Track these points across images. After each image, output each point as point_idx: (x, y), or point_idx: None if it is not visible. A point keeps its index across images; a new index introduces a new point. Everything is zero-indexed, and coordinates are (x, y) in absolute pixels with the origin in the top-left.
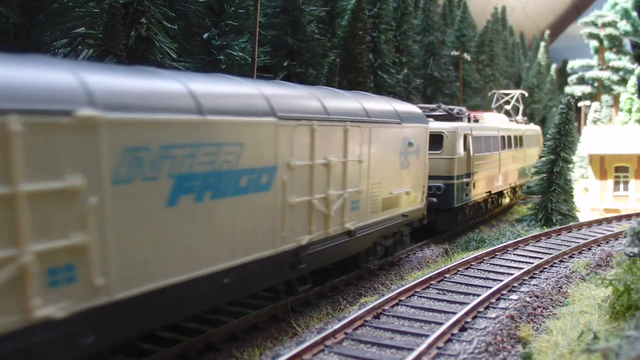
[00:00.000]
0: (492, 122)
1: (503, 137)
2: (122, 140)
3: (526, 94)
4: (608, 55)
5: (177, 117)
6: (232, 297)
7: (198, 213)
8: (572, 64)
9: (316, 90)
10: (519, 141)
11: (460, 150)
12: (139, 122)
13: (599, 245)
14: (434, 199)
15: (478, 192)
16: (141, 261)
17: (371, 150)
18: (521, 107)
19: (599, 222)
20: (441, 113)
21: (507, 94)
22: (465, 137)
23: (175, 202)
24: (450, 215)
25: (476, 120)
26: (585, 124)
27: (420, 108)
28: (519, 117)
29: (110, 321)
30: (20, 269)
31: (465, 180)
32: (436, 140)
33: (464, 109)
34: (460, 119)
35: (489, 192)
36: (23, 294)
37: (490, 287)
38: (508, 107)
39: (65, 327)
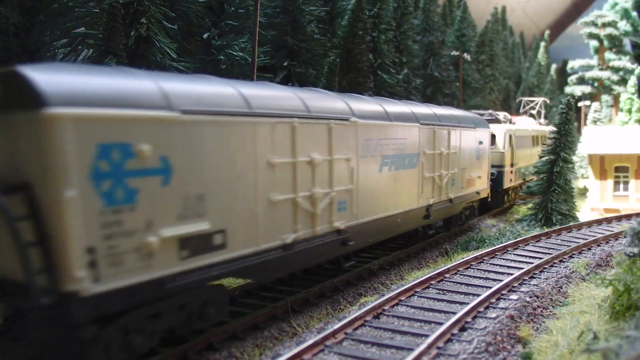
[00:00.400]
0: (524, 124)
1: (533, 136)
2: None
3: (548, 101)
4: (608, 55)
5: (386, 123)
6: (399, 231)
7: (389, 178)
8: (572, 64)
9: (437, 108)
10: (544, 140)
11: (507, 146)
12: (372, 126)
13: (599, 245)
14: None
15: (518, 178)
16: (369, 202)
17: (461, 146)
18: (543, 111)
19: (599, 222)
20: (491, 118)
21: (532, 101)
22: (510, 136)
23: (381, 170)
24: (499, 195)
25: (513, 123)
26: (585, 124)
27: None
28: (542, 120)
29: (358, 233)
30: (331, 199)
31: (510, 169)
32: (491, 139)
33: (507, 114)
34: (504, 122)
35: (524, 179)
36: (330, 213)
37: (490, 287)
38: (533, 111)
39: (342, 234)
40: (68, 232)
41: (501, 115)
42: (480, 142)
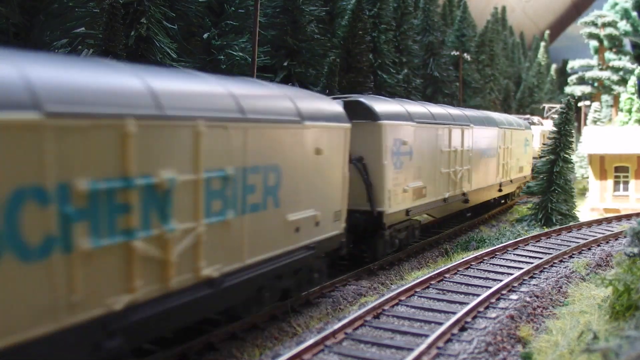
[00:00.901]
0: (550, 126)
1: None
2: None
3: None
4: (608, 55)
5: (488, 127)
6: (487, 198)
7: (483, 163)
8: (572, 64)
9: (504, 115)
10: None
11: (541, 143)
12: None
13: (599, 245)
14: None
15: None
16: (475, 177)
17: (512, 142)
18: None
19: (599, 222)
20: (528, 120)
21: (553, 107)
22: (543, 135)
23: (482, 157)
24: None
25: (542, 125)
26: (585, 124)
27: None
28: None
29: (473, 195)
30: (455, 174)
31: None
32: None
33: (540, 118)
34: (538, 125)
35: None
36: (461, 183)
37: (490, 287)
38: (555, 116)
39: (465, 195)
40: (384, 182)
41: (535, 119)
42: (527, 140)
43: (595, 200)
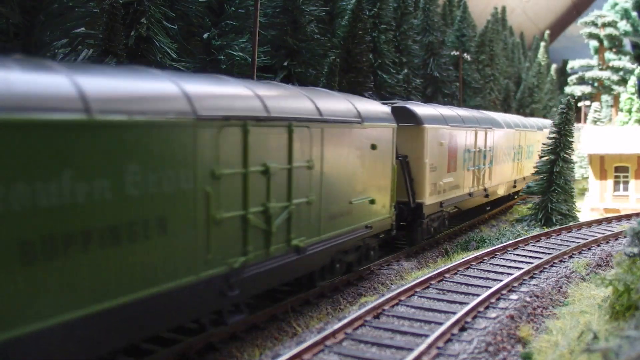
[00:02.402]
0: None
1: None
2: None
3: None
4: (608, 55)
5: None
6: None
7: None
8: (572, 64)
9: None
10: None
11: None
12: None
13: (599, 245)
14: None
15: None
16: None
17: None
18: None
19: (599, 222)
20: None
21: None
22: None
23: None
24: None
25: None
26: (585, 123)
27: None
28: None
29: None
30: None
31: None
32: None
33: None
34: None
35: None
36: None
37: (490, 287)
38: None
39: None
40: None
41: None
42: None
43: (595, 200)
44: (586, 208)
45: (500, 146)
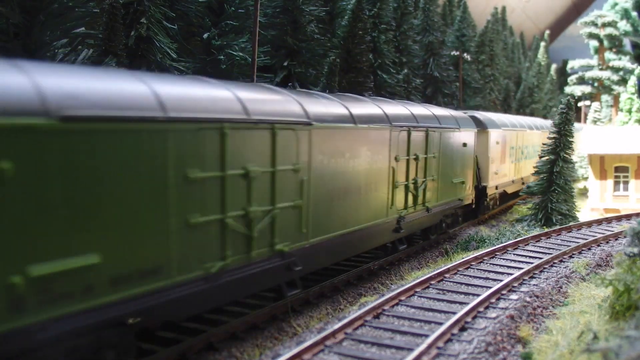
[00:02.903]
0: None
1: None
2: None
3: None
4: (608, 55)
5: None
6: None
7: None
8: (572, 64)
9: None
10: None
11: None
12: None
13: (599, 245)
14: None
15: None
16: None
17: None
18: None
19: (599, 222)
20: None
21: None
22: None
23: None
24: None
25: None
26: (585, 123)
27: None
28: None
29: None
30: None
31: None
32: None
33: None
34: None
35: None
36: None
37: (490, 287)
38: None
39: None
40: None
41: None
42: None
43: (595, 200)
44: (586, 208)
45: (530, 144)
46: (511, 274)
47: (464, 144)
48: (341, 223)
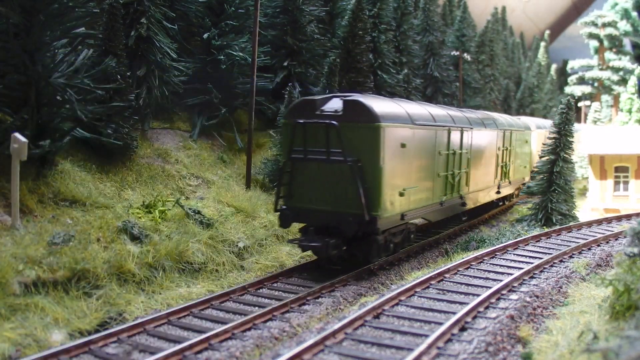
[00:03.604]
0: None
1: None
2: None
3: None
4: (608, 55)
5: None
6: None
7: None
8: (572, 64)
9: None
10: None
11: None
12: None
13: (599, 245)
14: None
15: None
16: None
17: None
18: None
19: (599, 222)
20: None
21: None
22: None
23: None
24: None
25: None
26: (585, 123)
27: None
28: None
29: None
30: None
31: None
32: None
33: None
34: None
35: None
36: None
37: (490, 287)
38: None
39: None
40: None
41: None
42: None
43: (595, 200)
44: (586, 208)
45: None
46: (511, 274)
47: (526, 141)
48: (477, 185)
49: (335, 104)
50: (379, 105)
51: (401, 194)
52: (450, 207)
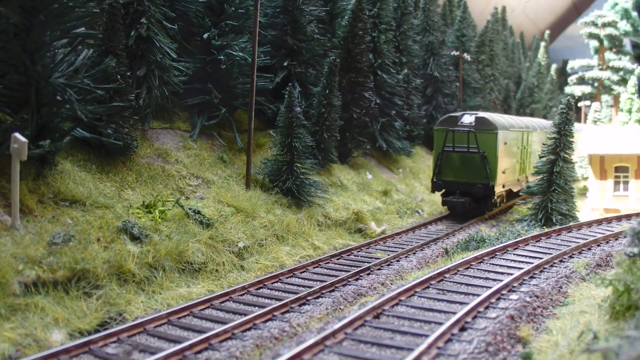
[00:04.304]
0: None
1: None
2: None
3: None
4: (608, 55)
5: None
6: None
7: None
8: (572, 64)
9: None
10: None
11: None
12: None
13: (599, 245)
14: None
15: None
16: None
17: None
18: None
19: (599, 222)
20: None
21: None
22: None
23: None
24: None
25: None
26: (585, 123)
27: None
28: None
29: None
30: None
31: None
32: None
33: None
34: None
35: None
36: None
37: (490, 287)
38: None
39: None
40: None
41: None
42: None
43: (595, 200)
44: (586, 208)
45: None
46: (511, 274)
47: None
48: (528, 171)
49: (469, 118)
50: (495, 118)
51: (503, 172)
52: (519, 182)
